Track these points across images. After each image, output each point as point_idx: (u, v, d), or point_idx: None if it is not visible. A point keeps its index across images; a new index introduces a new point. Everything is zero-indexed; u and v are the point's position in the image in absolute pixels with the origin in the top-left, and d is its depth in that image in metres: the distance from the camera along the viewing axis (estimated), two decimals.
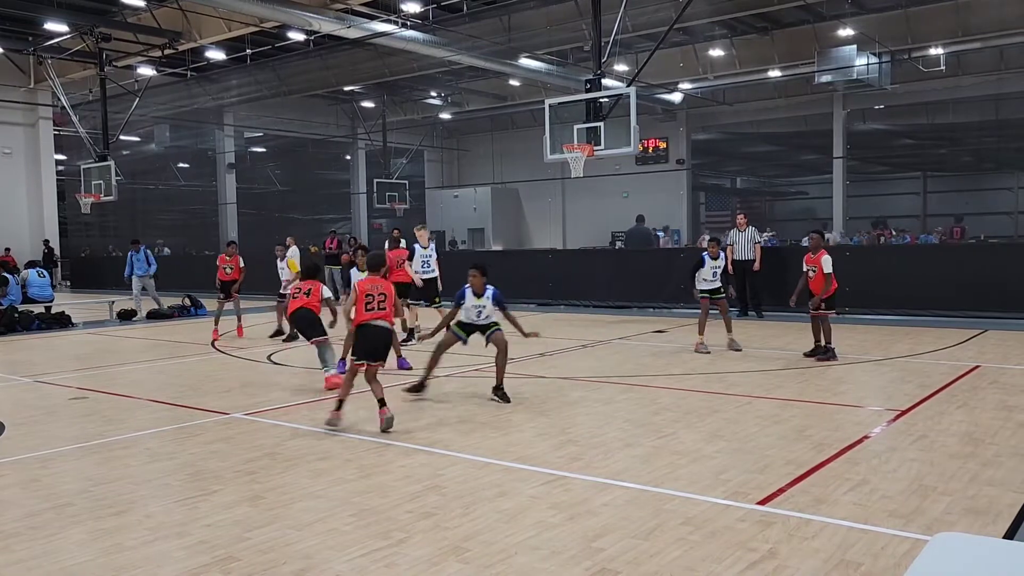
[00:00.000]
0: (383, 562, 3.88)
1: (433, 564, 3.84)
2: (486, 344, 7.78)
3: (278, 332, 12.86)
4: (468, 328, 7.78)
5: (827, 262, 9.50)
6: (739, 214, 15.40)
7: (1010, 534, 4.10)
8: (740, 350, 10.45)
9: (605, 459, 5.53)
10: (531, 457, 5.62)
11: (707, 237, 14.74)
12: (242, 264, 13.31)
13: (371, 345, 6.61)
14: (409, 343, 11.05)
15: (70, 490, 5.13)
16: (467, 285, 7.67)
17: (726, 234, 15.91)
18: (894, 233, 25.98)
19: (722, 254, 11.22)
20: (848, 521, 4.26)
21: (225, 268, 13.21)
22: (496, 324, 7.76)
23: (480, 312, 7.67)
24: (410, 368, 9.57)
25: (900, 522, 4.24)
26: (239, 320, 13.30)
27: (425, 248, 11.77)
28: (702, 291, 10.83)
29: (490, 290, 7.66)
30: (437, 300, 11.81)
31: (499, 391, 7.65)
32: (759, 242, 14.82)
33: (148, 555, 4.04)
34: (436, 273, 11.82)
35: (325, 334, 8.53)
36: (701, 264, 10.77)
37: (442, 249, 30.45)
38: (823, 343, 9.61)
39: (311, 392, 8.28)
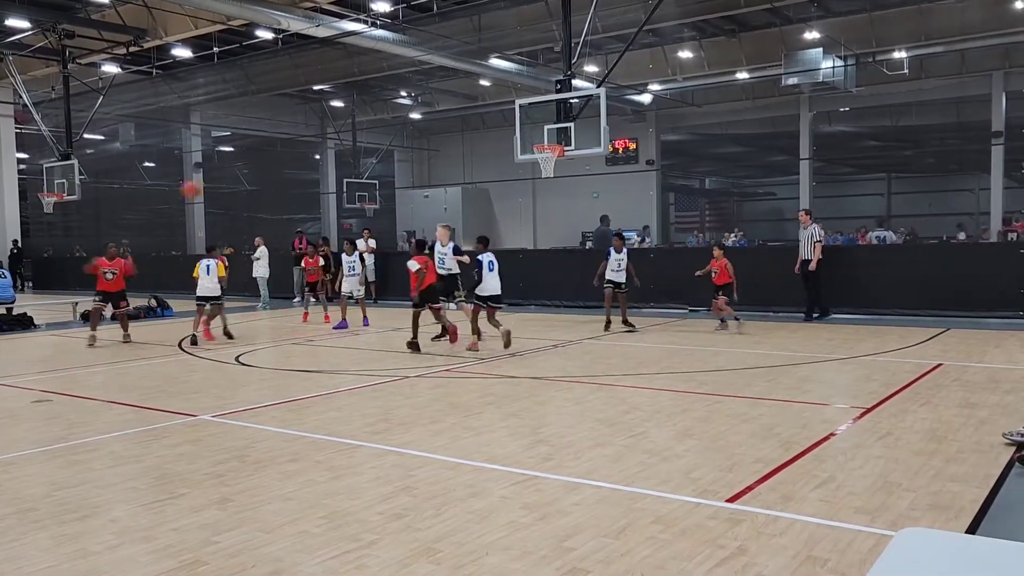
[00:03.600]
0: (354, 564, 3.86)
1: (404, 566, 3.83)
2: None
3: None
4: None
5: None
6: (802, 211, 14.14)
7: (972, 529, 4.18)
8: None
9: (576, 459, 5.55)
10: (502, 457, 5.63)
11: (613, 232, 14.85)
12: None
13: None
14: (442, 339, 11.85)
15: (33, 495, 5.04)
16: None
17: (695, 234, 15.88)
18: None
19: (625, 249, 13.21)
20: (815, 518, 4.31)
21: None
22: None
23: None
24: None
25: (866, 518, 4.30)
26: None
27: (443, 247, 12.63)
28: (609, 281, 12.96)
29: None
30: (456, 295, 12.73)
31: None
32: (819, 240, 13.57)
33: (113, 560, 3.97)
34: (456, 271, 12.70)
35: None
36: (607, 257, 13.03)
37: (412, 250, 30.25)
38: None
39: (280, 393, 8.21)
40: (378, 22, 19.47)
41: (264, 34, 20.74)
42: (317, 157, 36.38)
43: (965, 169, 30.85)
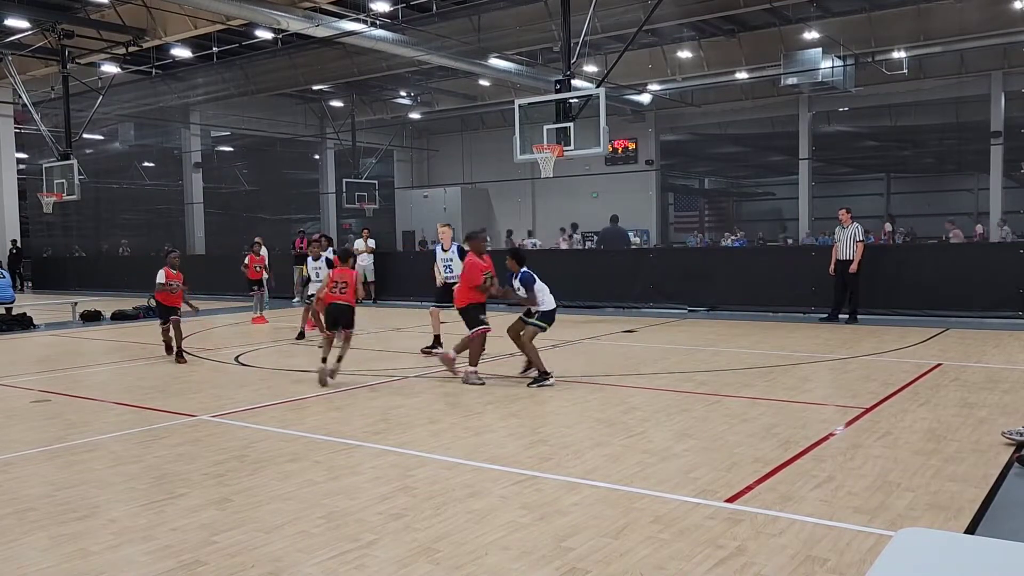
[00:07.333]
0: (353, 564, 3.86)
1: (403, 565, 3.83)
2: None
3: (301, 335, 13.01)
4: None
5: None
6: (842, 209, 13.19)
7: (971, 528, 4.18)
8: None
9: (575, 459, 5.55)
10: (502, 457, 5.63)
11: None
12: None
13: (332, 318, 8.78)
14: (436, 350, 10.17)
15: (32, 495, 5.04)
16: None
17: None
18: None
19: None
20: (814, 517, 4.31)
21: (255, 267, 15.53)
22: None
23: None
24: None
25: (865, 518, 4.30)
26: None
27: (446, 251, 11.03)
28: None
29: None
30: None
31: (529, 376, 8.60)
32: (861, 240, 12.94)
33: (112, 560, 3.97)
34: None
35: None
36: None
37: (411, 250, 30.32)
38: None
39: (279, 393, 8.21)
40: (377, 22, 19.48)
41: (263, 34, 20.75)
42: (316, 157, 36.39)
43: (964, 169, 30.87)
